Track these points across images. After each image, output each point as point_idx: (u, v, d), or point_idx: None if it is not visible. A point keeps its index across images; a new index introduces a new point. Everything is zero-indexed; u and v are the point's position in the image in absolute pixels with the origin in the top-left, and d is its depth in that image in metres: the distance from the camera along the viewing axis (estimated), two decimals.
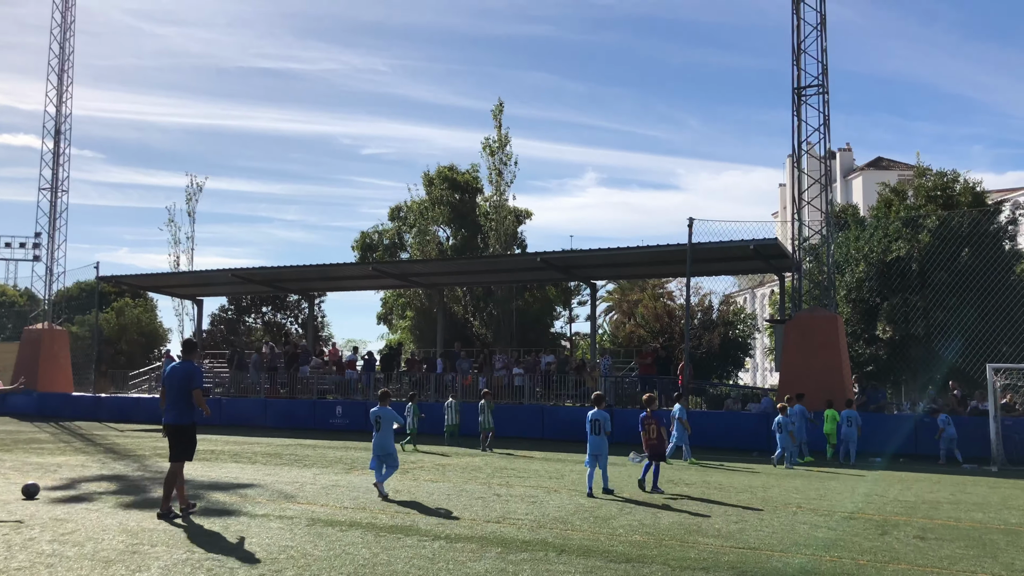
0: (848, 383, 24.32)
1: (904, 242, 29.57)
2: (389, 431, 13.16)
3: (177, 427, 10.89)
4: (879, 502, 13.08)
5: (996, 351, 26.81)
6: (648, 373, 28.09)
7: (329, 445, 23.43)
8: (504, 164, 44.82)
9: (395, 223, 48.94)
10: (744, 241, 25.35)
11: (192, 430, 10.96)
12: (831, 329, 24.22)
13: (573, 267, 31.12)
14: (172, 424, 10.91)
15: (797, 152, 25.59)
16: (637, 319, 40.02)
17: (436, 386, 30.26)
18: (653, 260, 29.19)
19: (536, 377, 28.94)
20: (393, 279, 33.85)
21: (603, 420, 13.65)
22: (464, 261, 31.57)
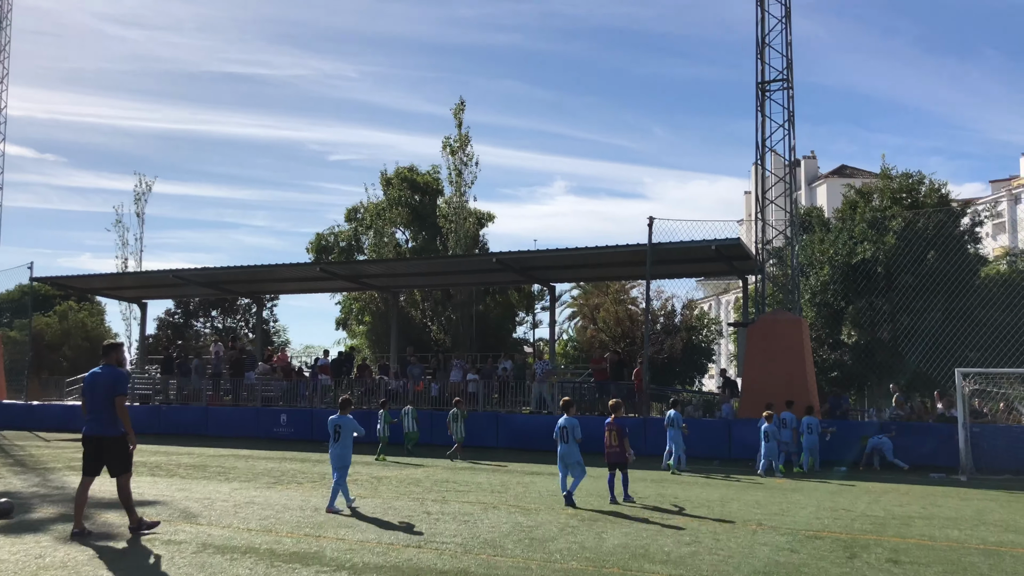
0: (813, 389, 23.39)
1: (870, 244, 28.81)
2: (349, 441, 12.33)
3: (102, 439, 9.59)
4: (846, 518, 12.00)
5: (962, 356, 26.08)
6: (603, 379, 26.96)
7: (266, 455, 21.99)
8: (464, 164, 43.61)
9: (351, 224, 47.42)
10: (706, 241, 24.35)
11: (121, 442, 9.63)
12: (795, 333, 23.28)
13: (531, 268, 29.94)
14: (95, 436, 9.61)
15: (761, 149, 24.67)
16: (599, 323, 38.95)
17: (387, 393, 28.82)
18: (613, 261, 28.10)
19: (492, 384, 27.68)
20: (344, 281, 32.40)
21: (571, 427, 12.91)
22: (417, 262, 30.20)
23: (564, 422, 13.02)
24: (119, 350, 10.35)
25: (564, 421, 13.03)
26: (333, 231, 47.50)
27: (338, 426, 12.44)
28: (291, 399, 31.08)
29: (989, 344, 26.36)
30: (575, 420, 13.10)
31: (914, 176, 30.45)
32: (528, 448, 24.92)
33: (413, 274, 31.29)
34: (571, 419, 13.05)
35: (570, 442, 12.86)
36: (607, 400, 26.97)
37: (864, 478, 18.57)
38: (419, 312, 43.33)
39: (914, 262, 28.03)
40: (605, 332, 37.16)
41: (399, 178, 47.87)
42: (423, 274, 31.32)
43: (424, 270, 30.59)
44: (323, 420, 29.57)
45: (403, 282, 33.57)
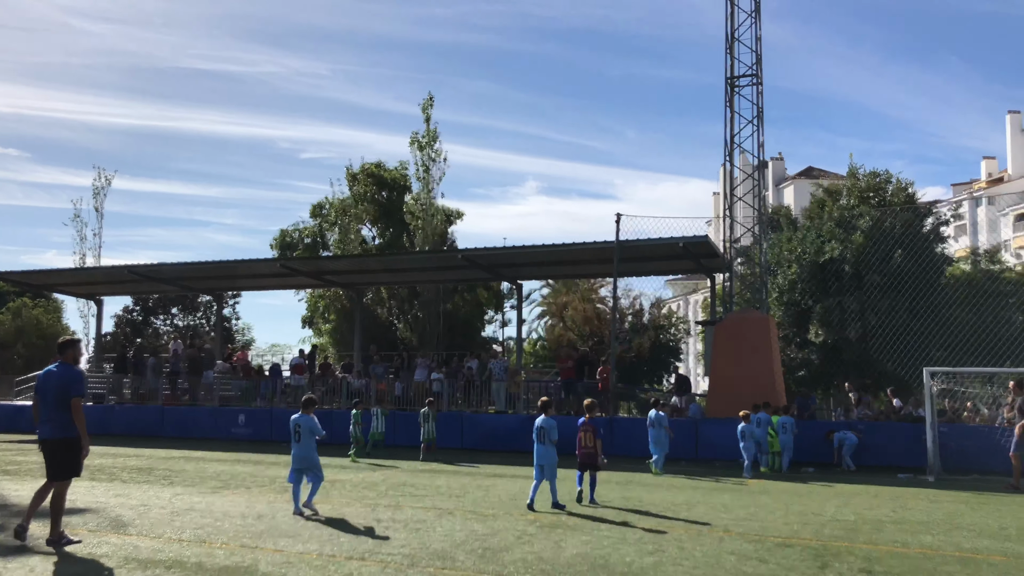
0: (780, 388, 23.06)
1: (837, 243, 28.60)
2: (310, 441, 11.95)
3: (56, 442, 8.97)
4: (816, 523, 11.56)
5: (928, 355, 25.94)
6: (569, 377, 26.43)
7: (220, 457, 21.20)
8: (433, 161, 42.89)
9: (317, 221, 46.47)
10: (673, 238, 23.93)
11: (73, 445, 8.97)
12: (763, 331, 22.93)
13: (498, 266, 29.33)
14: (50, 439, 9.00)
15: (729, 145, 24.31)
16: (567, 322, 38.45)
17: (349, 393, 28.09)
18: (580, 259, 27.60)
19: (457, 383, 27.04)
20: (306, 278, 31.55)
21: (549, 428, 12.56)
22: (381, 258, 29.44)
23: (542, 423, 12.64)
24: (75, 347, 9.64)
25: (542, 422, 12.65)
26: (298, 227, 46.53)
27: (298, 425, 12.05)
28: (250, 399, 30.22)
29: (954, 343, 26.24)
30: (553, 421, 12.73)
31: (881, 175, 30.33)
32: (494, 449, 24.35)
33: (377, 271, 30.55)
34: (549, 420, 12.69)
35: (547, 443, 12.49)
36: (573, 399, 26.60)
37: (833, 479, 18.23)
38: (385, 310, 42.56)
39: (881, 261, 27.87)
40: (573, 330, 36.68)
41: (365, 174, 47.01)
42: (388, 271, 30.59)
43: (389, 267, 29.86)
44: (283, 420, 28.76)
45: (368, 279, 32.81)
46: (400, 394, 27.38)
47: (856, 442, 20.47)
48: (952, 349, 26.16)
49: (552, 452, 12.51)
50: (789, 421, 19.74)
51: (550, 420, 12.69)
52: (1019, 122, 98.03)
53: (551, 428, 12.56)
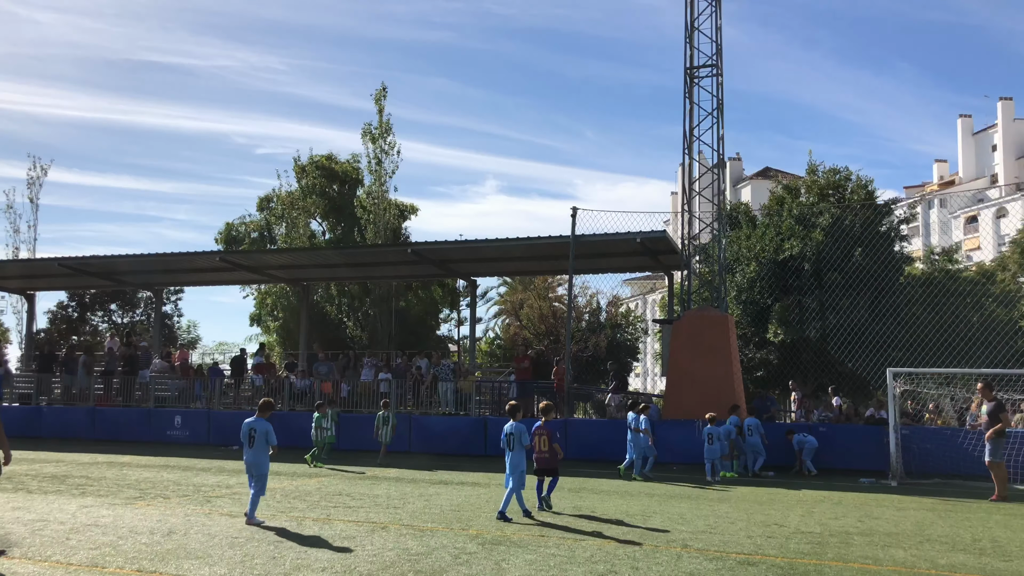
0: (739, 388, 22.36)
1: (797, 240, 28.04)
2: (264, 447, 11.32)
3: None
4: (780, 535, 10.72)
5: (888, 356, 25.51)
6: (525, 378, 25.45)
7: (148, 462, 19.84)
8: (385, 153, 41.67)
9: (264, 214, 44.88)
10: (630, 233, 23.13)
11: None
12: (722, 330, 22.21)
13: (450, 261, 28.26)
14: None
15: (689, 138, 23.54)
16: (522, 320, 37.50)
17: (292, 394, 26.81)
18: (535, 254, 26.67)
19: (407, 383, 25.88)
20: (248, 272, 30.14)
21: (519, 434, 11.94)
22: (325, 252, 28.14)
23: (511, 428, 11.96)
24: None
25: (511, 428, 11.97)
26: (244, 221, 44.87)
27: (252, 430, 11.28)
28: (188, 400, 28.72)
29: (914, 343, 25.84)
30: (523, 426, 12.05)
31: (841, 172, 29.86)
32: (444, 452, 23.33)
33: (322, 265, 29.26)
34: (518, 425, 12.01)
35: (516, 449, 11.87)
36: (528, 401, 25.63)
37: (794, 484, 17.53)
38: (334, 308, 41.22)
39: (841, 259, 27.38)
40: (529, 329, 35.75)
41: (315, 167, 45.59)
42: (334, 265, 29.29)
43: (334, 261, 28.58)
44: (221, 423, 27.48)
45: (313, 274, 31.49)
46: (346, 395, 26.15)
47: (816, 445, 19.91)
48: (911, 349, 25.75)
49: (523, 458, 11.88)
50: (755, 423, 19.05)
51: (520, 425, 12.00)
52: (970, 126, 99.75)
53: (521, 433, 11.91)
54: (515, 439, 11.87)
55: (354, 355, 27.76)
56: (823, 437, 20.39)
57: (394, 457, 21.56)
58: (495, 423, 23.61)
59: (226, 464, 19.86)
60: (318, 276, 32.03)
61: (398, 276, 32.63)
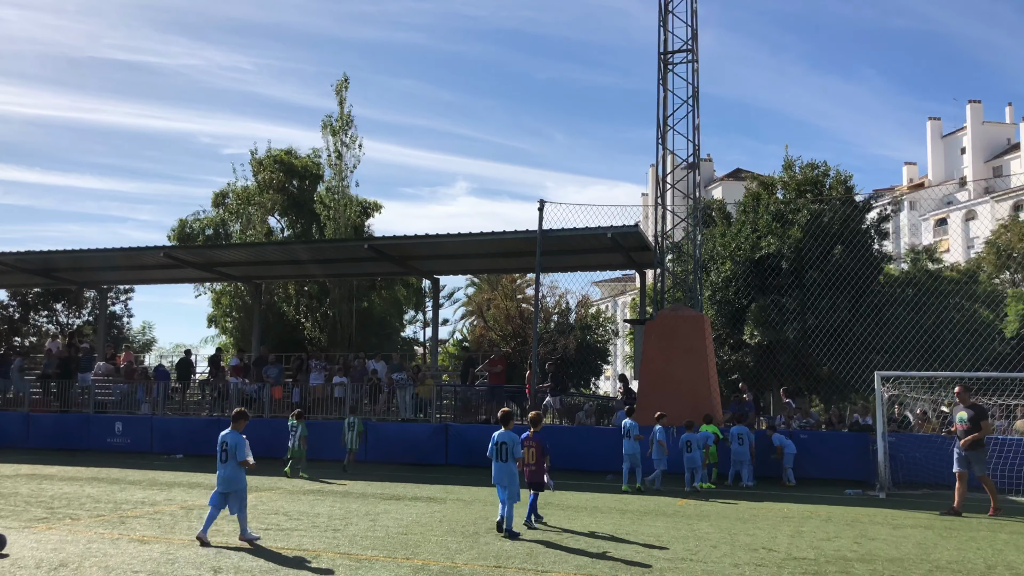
0: (716, 392, 21.10)
1: (774, 238, 26.89)
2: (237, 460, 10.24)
3: None
4: (771, 563, 9.36)
5: (868, 360, 24.47)
6: (498, 383, 24.01)
7: (74, 474, 18.12)
8: (347, 146, 39.99)
9: (219, 211, 42.92)
10: (601, 228, 21.78)
11: None
12: (697, 330, 20.92)
13: (411, 258, 26.71)
14: None
15: (663, 126, 22.26)
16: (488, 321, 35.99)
17: (239, 399, 25.10)
18: (500, 251, 25.22)
19: (363, 387, 24.26)
20: (196, 269, 28.33)
21: (512, 444, 11.10)
22: (278, 247, 26.42)
23: (503, 437, 11.13)
24: None
25: (503, 436, 11.15)
26: (198, 217, 42.86)
27: (224, 443, 10.30)
28: (131, 405, 26.87)
29: (895, 345, 24.80)
30: (516, 436, 11.23)
31: (819, 167, 28.76)
32: (402, 461, 21.84)
33: (275, 262, 27.54)
34: (509, 434, 11.18)
35: (509, 461, 11.06)
36: (495, 407, 24.16)
37: (777, 495, 16.26)
38: (292, 308, 39.44)
39: (820, 257, 26.29)
40: (495, 330, 34.28)
41: (273, 161, 43.72)
42: (289, 262, 27.60)
43: (286, 257, 26.87)
44: (165, 429, 25.66)
45: (266, 272, 29.75)
46: (298, 400, 24.49)
47: (795, 451, 18.73)
48: (893, 352, 24.72)
49: (514, 471, 11.07)
50: (744, 431, 17.79)
51: (511, 434, 11.17)
52: (939, 128, 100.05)
53: (514, 443, 11.09)
54: (508, 449, 11.02)
55: (305, 357, 26.09)
56: (803, 444, 19.20)
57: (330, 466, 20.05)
58: (458, 430, 22.15)
59: (160, 476, 18.18)
60: (272, 274, 30.30)
61: (357, 274, 30.98)
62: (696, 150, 22.02)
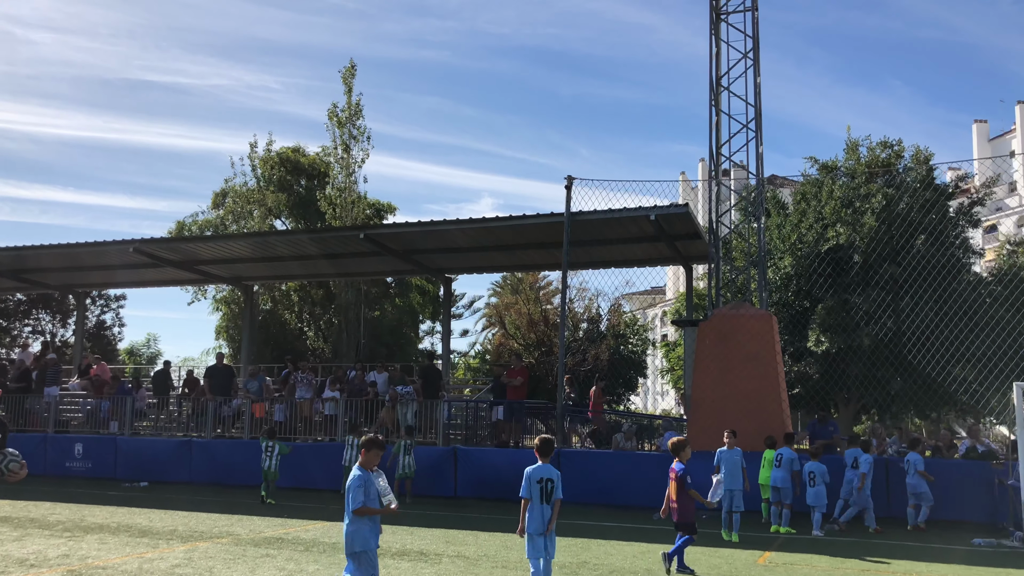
0: (786, 410, 17.05)
1: (844, 226, 22.81)
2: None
3: None
4: None
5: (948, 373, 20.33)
6: (518, 398, 19.99)
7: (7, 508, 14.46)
8: (354, 139, 36.56)
9: (219, 212, 39.60)
10: (643, 209, 17.93)
11: None
12: (764, 333, 16.92)
13: (416, 252, 22.99)
14: None
15: (716, 86, 18.37)
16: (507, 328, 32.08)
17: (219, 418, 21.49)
18: (519, 241, 21.40)
19: (358, 403, 20.45)
20: (176, 269, 24.83)
21: (557, 481, 8.00)
22: (260, 239, 22.68)
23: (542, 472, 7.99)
24: None
25: (540, 471, 8.00)
26: (196, 219, 39.56)
27: None
28: (97, 424, 23.35)
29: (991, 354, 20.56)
30: (557, 471, 8.11)
31: (893, 145, 24.54)
32: (399, 491, 18.03)
33: (262, 259, 23.92)
34: (550, 468, 8.05)
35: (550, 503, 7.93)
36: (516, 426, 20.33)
37: (879, 548, 12.19)
38: (294, 316, 35.92)
39: (900, 249, 22.17)
40: (516, 339, 30.40)
41: (280, 159, 40.42)
42: (276, 259, 23.95)
43: (273, 253, 23.22)
44: (132, 452, 21.95)
45: (257, 271, 26.15)
46: (283, 419, 20.80)
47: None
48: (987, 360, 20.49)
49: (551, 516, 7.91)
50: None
51: (552, 469, 8.06)
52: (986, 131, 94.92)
53: (557, 481, 7.98)
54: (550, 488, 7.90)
55: (292, 368, 22.40)
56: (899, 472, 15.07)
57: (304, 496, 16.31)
58: (468, 456, 18.31)
59: (94, 513, 14.46)
60: (263, 274, 26.69)
61: (358, 273, 27.26)
62: (758, 115, 18.08)
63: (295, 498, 17.39)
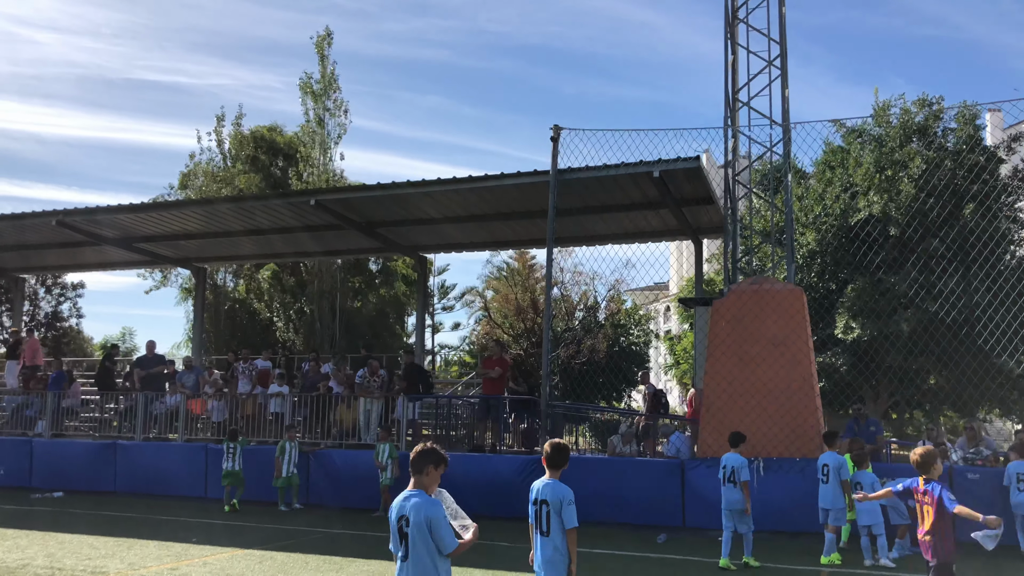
0: (819, 408, 13.95)
1: (878, 194, 19.69)
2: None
3: None
4: None
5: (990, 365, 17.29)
6: (495, 392, 16.81)
7: None
8: (330, 113, 33.60)
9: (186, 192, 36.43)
10: (644, 164, 14.80)
11: None
12: (792, 313, 13.82)
13: (381, 225, 19.83)
14: None
15: (731, 16, 15.27)
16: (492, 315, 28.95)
17: (147, 415, 18.41)
18: (499, 210, 18.27)
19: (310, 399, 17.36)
20: (116, 248, 21.76)
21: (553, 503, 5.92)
22: (196, 208, 19.32)
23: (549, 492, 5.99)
24: None
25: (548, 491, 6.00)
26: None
27: (405, 518, 5.04)
28: (20, 424, 20.30)
29: None
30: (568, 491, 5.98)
31: (933, 102, 21.25)
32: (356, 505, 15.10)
33: (211, 234, 20.78)
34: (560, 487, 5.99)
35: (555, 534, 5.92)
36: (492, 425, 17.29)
37: None
38: (263, 304, 32.87)
39: (943, 222, 19.05)
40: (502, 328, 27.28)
41: (255, 138, 37.34)
42: (227, 234, 20.83)
43: (224, 226, 20.08)
44: (52, 457, 18.80)
45: (207, 250, 23.02)
46: (221, 419, 17.73)
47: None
48: None
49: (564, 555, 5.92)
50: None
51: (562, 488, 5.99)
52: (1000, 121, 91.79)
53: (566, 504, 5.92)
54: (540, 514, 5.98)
55: (233, 359, 19.30)
56: (970, 489, 11.97)
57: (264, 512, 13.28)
58: None
59: None
60: (215, 254, 23.55)
61: (320, 252, 24.04)
62: (783, 50, 14.95)
63: (219, 514, 14.37)
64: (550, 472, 6.10)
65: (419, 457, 5.13)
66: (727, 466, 10.44)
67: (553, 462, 6.07)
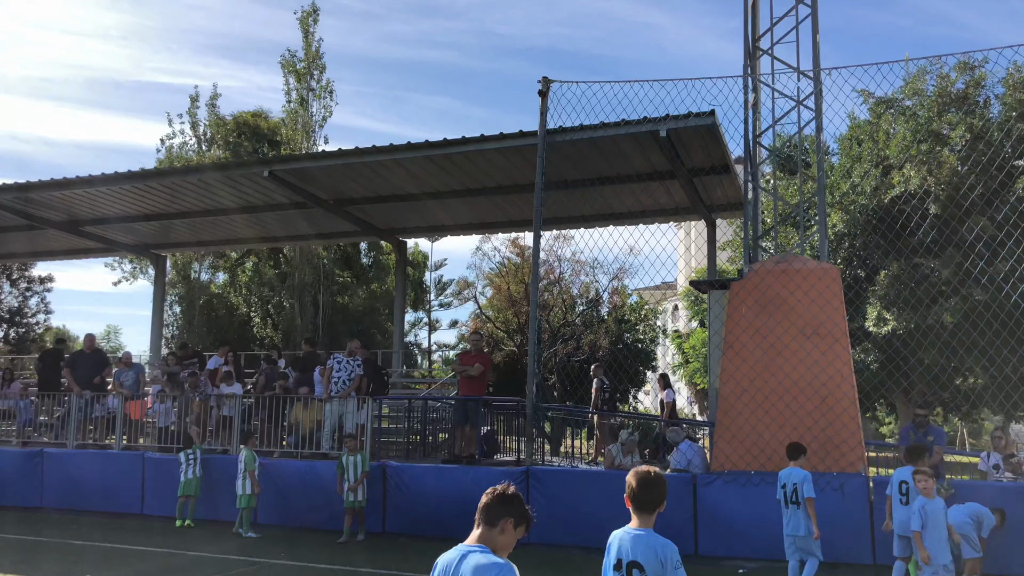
0: (857, 408, 11.61)
1: (915, 168, 17.34)
2: None
3: None
4: None
5: None
6: (476, 393, 14.40)
7: None
8: (314, 93, 31.49)
9: None
10: (649, 122, 12.46)
11: None
12: (831, 298, 11.51)
13: (348, 202, 17.47)
14: None
15: None
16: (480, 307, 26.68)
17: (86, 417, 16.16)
18: (485, 184, 15.90)
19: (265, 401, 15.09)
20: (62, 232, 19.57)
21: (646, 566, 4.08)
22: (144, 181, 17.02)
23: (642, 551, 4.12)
24: None
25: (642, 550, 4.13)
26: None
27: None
28: None
29: None
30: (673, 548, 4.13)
31: (976, 64, 18.90)
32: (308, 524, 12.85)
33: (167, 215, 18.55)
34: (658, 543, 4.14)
35: None
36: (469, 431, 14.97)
37: None
38: (240, 298, 30.70)
39: (989, 199, 16.69)
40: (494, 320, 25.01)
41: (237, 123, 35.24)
42: (186, 215, 18.60)
43: (182, 206, 17.81)
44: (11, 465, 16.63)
45: (164, 236, 20.79)
46: (165, 423, 15.48)
47: (993, 522, 9.07)
48: None
49: None
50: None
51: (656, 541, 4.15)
52: None
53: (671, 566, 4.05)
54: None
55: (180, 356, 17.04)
56: None
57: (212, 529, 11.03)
58: (399, 474, 12.95)
59: None
60: (173, 240, 21.33)
61: (287, 237, 21.70)
62: None
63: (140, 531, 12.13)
64: (639, 519, 4.18)
65: (497, 504, 3.58)
66: (787, 484, 8.32)
67: (643, 503, 4.11)
